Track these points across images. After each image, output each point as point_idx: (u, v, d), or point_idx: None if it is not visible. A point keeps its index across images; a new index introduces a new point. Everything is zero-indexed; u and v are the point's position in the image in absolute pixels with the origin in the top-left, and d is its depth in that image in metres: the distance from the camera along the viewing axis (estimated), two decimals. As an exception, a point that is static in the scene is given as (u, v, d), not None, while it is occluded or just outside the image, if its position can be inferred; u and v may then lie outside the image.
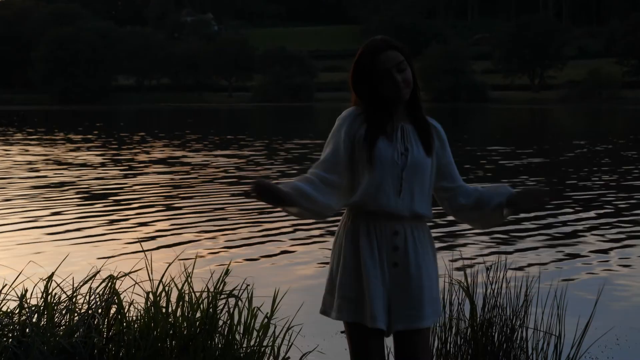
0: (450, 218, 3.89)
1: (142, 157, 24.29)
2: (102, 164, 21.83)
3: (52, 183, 17.17)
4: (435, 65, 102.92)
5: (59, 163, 22.08)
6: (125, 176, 18.57)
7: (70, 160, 22.95)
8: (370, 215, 3.66)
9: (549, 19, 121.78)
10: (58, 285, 4.86)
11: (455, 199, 3.83)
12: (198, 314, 4.73)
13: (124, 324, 4.68)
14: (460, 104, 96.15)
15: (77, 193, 15.45)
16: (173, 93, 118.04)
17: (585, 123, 55.05)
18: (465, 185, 3.85)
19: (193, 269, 4.92)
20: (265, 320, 4.83)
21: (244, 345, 4.82)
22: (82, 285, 4.88)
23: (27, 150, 27.00)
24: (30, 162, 22.44)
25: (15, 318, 4.62)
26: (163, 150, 26.88)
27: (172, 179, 18.05)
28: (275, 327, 4.89)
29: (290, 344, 4.98)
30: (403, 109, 3.73)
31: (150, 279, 4.84)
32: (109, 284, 4.84)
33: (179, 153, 25.74)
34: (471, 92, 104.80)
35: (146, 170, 20.26)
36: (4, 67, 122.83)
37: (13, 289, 4.84)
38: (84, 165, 21.61)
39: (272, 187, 3.44)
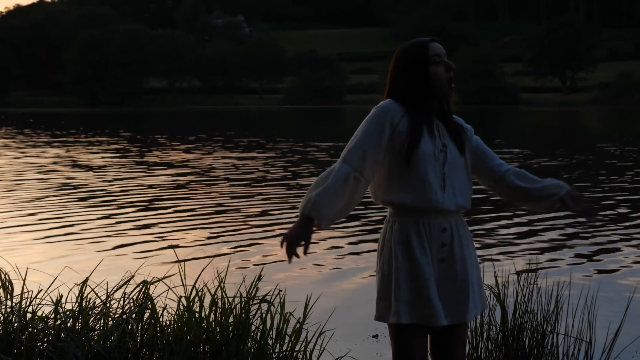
0: (479, 223, 3.91)
1: (173, 161, 24.37)
2: (142, 169, 21.92)
3: (85, 189, 17.24)
4: (465, 67, 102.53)
5: (90, 168, 22.18)
6: (158, 181, 18.64)
7: (102, 164, 23.08)
8: (418, 213, 3.64)
9: (579, 20, 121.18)
10: (92, 290, 4.92)
11: (506, 178, 3.92)
12: (231, 319, 4.76)
13: (158, 329, 4.73)
14: (490, 106, 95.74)
15: (111, 199, 15.49)
16: (204, 95, 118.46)
17: (617, 126, 54.58)
18: (509, 167, 3.96)
19: (226, 274, 4.96)
20: (298, 325, 4.85)
21: (277, 350, 4.84)
22: (116, 290, 4.94)
23: (57, 154, 27.16)
24: (59, 165, 22.60)
25: (51, 323, 4.69)
26: (194, 154, 26.93)
27: (204, 184, 18.07)
28: (307, 332, 4.89)
29: (322, 349, 4.99)
30: (436, 106, 3.73)
31: (183, 284, 4.88)
32: (143, 289, 4.89)
33: (210, 156, 25.80)
34: (501, 94, 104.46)
35: (179, 174, 20.32)
36: (35, 70, 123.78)
37: (48, 294, 4.92)
38: (115, 169, 21.73)
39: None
